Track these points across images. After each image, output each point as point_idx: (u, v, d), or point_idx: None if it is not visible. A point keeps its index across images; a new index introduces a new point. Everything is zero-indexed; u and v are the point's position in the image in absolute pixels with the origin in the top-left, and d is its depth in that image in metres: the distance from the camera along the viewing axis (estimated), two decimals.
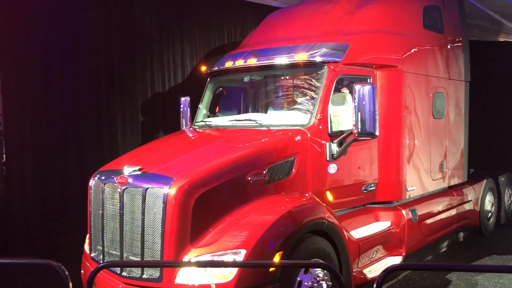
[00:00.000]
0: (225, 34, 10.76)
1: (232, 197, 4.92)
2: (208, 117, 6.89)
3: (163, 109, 9.55)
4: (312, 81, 5.94)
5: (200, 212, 4.67)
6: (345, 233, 5.65)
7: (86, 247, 5.69)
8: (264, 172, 5.17)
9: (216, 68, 6.80)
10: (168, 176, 4.74)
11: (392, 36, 6.72)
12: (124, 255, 4.98)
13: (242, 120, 6.20)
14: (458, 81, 8.33)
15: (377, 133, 5.51)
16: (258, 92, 6.83)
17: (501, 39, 15.04)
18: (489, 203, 9.78)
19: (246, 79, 6.53)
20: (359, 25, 6.57)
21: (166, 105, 9.56)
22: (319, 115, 5.73)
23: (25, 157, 7.94)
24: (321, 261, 5.02)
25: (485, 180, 9.45)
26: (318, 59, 5.88)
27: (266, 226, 4.69)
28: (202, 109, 6.98)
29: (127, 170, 5.02)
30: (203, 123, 6.70)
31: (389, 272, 3.59)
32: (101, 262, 5.21)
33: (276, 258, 4.64)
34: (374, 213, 6.67)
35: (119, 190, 5.01)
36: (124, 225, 4.97)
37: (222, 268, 4.45)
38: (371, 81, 6.40)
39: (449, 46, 8.02)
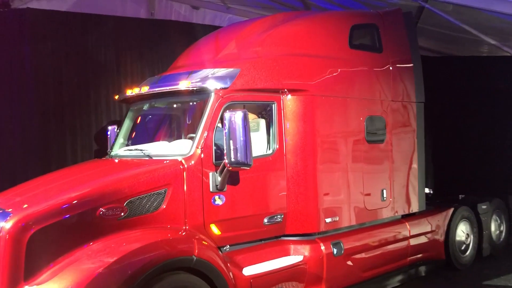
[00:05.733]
0: None
1: (78, 233, 4.68)
2: (127, 145, 6.78)
3: None
4: (198, 109, 5.69)
5: (37, 249, 4.50)
6: (227, 269, 5.30)
7: None
8: (123, 206, 4.94)
9: (122, 97, 6.69)
10: (7, 211, 4.64)
11: (302, 58, 6.33)
12: None
13: (133, 150, 6.03)
14: (405, 102, 7.75)
15: (250, 162, 5.13)
16: (153, 121, 6.65)
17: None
18: (463, 233, 8.98)
19: (145, 107, 6.38)
20: (262, 48, 6.27)
21: None
22: (201, 144, 5.45)
23: None
24: None
25: (452, 209, 8.67)
26: (201, 85, 5.61)
27: (106, 264, 4.46)
28: (119, 138, 6.82)
29: None
30: (109, 153, 6.59)
31: None
32: None
33: None
34: (284, 247, 6.21)
35: None
36: None
37: None
38: (274, 107, 6.07)
39: (390, 66, 7.50)
